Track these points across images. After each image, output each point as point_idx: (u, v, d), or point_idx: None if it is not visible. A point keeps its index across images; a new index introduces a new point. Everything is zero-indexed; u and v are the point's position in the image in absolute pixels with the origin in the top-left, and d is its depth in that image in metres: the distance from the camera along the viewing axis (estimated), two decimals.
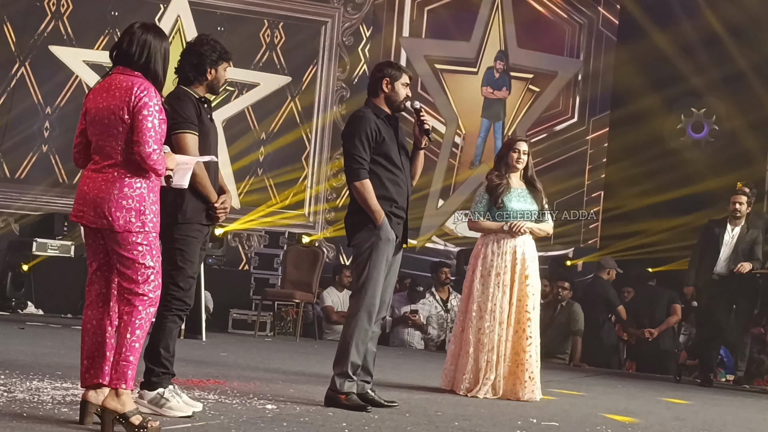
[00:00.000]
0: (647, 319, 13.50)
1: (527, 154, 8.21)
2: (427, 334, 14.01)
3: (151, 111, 5.05)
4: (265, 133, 16.67)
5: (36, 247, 14.34)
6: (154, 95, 5.09)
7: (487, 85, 18.04)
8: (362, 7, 17.18)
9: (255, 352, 11.04)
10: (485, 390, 7.81)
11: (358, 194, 6.56)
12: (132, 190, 5.07)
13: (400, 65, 6.98)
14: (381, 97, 6.74)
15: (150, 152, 5.01)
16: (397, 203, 6.67)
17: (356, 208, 6.63)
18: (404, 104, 6.78)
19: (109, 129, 5.10)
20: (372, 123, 6.60)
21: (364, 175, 6.55)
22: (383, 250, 6.56)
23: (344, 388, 6.51)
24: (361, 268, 6.57)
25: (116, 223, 5.04)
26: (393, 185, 6.65)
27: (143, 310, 5.07)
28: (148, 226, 5.08)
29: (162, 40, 5.24)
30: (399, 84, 6.73)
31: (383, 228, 6.55)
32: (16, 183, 15.57)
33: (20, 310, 14.08)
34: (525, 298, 7.96)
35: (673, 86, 16.91)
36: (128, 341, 5.03)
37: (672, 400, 9.15)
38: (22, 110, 15.55)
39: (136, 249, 5.06)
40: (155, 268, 5.12)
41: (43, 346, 9.50)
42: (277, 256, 14.98)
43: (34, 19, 15.60)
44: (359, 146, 6.55)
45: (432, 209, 17.36)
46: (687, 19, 16.70)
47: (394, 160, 6.66)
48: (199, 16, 16.23)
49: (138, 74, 5.14)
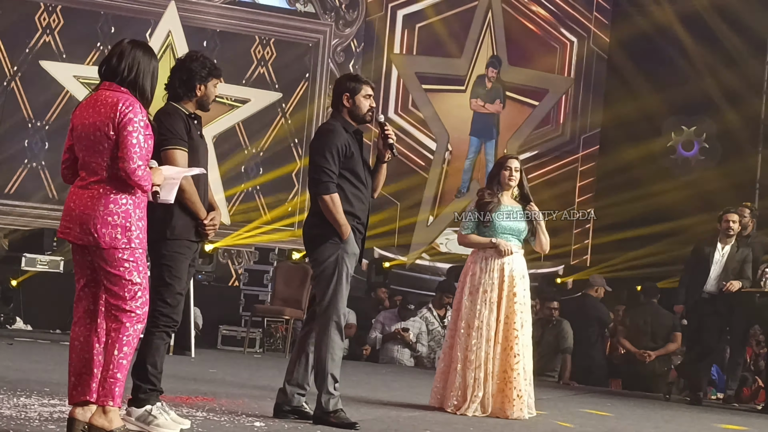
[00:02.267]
0: (647, 339, 13.39)
1: (519, 171, 8.20)
2: (417, 351, 13.99)
3: (136, 127, 5.03)
4: (256, 149, 16.66)
5: (25, 263, 14.30)
6: (139, 111, 5.07)
7: (476, 97, 17.99)
8: (354, 23, 17.20)
9: (244, 369, 11.01)
10: (474, 408, 7.79)
11: (326, 208, 6.49)
12: (117, 206, 5.05)
13: (361, 77, 6.90)
14: (344, 111, 6.70)
15: (135, 168, 4.99)
16: (360, 219, 6.64)
17: (320, 221, 6.55)
18: (368, 116, 6.73)
19: (94, 145, 5.09)
20: (343, 137, 6.57)
21: (333, 189, 6.51)
22: (349, 264, 6.53)
23: (330, 406, 6.48)
24: (327, 283, 6.52)
25: (102, 239, 5.02)
26: (357, 201, 6.62)
27: (131, 326, 5.05)
28: (134, 242, 5.06)
29: (151, 58, 5.23)
30: (360, 97, 6.68)
31: (349, 242, 6.52)
32: (6, 198, 15.53)
33: (8, 325, 14.03)
34: (513, 316, 7.94)
35: (664, 104, 16.95)
36: (116, 358, 5.01)
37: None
38: (12, 125, 15.52)
39: (123, 266, 5.04)
40: (142, 285, 5.10)
41: (32, 361, 9.47)
42: (266, 272, 14.95)
43: (25, 34, 15.58)
44: (330, 159, 6.51)
45: (422, 226, 17.36)
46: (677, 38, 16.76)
47: (360, 176, 6.63)
48: (190, 32, 16.24)
49: (125, 90, 5.13)
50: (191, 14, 16.39)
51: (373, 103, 6.75)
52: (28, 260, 14.31)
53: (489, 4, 17.62)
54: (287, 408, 6.65)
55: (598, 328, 14.07)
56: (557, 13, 17.89)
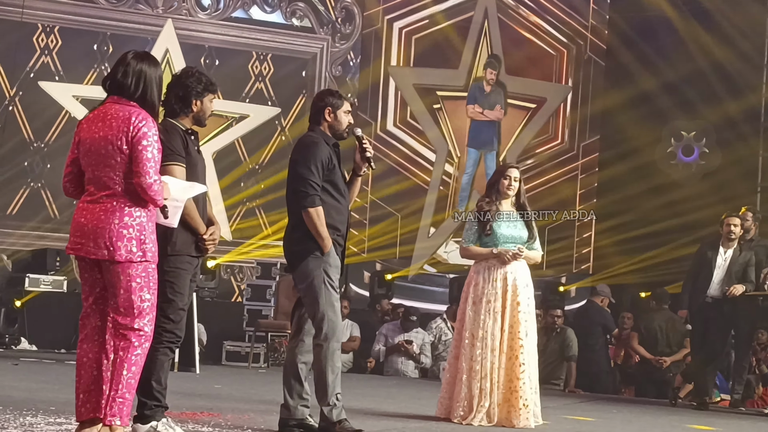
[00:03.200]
0: (663, 345, 13.36)
1: (518, 181, 8.19)
2: (420, 363, 13.98)
3: (150, 141, 5.04)
4: (256, 164, 16.68)
5: (28, 283, 14.32)
6: (152, 125, 5.08)
7: (473, 102, 17.94)
8: (350, 37, 17.24)
9: (249, 384, 11.00)
10: (480, 417, 7.77)
11: (311, 221, 6.48)
12: (132, 219, 5.05)
13: (341, 94, 6.94)
14: (324, 125, 6.71)
15: (151, 183, 5.00)
16: (340, 232, 6.65)
17: (303, 235, 6.53)
18: (346, 132, 6.75)
19: (105, 159, 5.08)
20: (326, 150, 6.58)
21: (318, 202, 6.50)
22: (334, 276, 6.54)
23: (333, 416, 6.49)
24: (315, 297, 6.51)
25: (117, 252, 5.01)
26: (337, 213, 6.62)
27: (139, 345, 5.04)
28: (148, 255, 5.06)
29: (156, 69, 5.24)
30: (341, 112, 6.71)
31: (331, 255, 6.52)
32: (8, 219, 15.55)
33: (13, 346, 14.03)
34: (517, 325, 7.92)
35: (663, 110, 16.97)
36: (124, 378, 4.99)
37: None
38: (13, 146, 15.55)
39: (135, 281, 5.03)
40: (151, 302, 5.09)
41: (37, 381, 9.46)
42: (269, 287, 14.96)
43: (24, 55, 15.62)
44: (314, 171, 6.51)
45: (424, 238, 17.36)
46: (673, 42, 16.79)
47: (340, 188, 6.64)
48: (188, 49, 16.28)
49: (134, 104, 5.13)
50: (188, 31, 16.43)
51: (351, 120, 6.78)
52: (32, 281, 14.33)
53: (485, 14, 17.64)
54: (293, 422, 6.65)
55: (602, 336, 14.06)
56: (553, 22, 17.91)
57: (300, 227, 6.53)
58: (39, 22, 15.72)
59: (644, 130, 17.07)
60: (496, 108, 17.77)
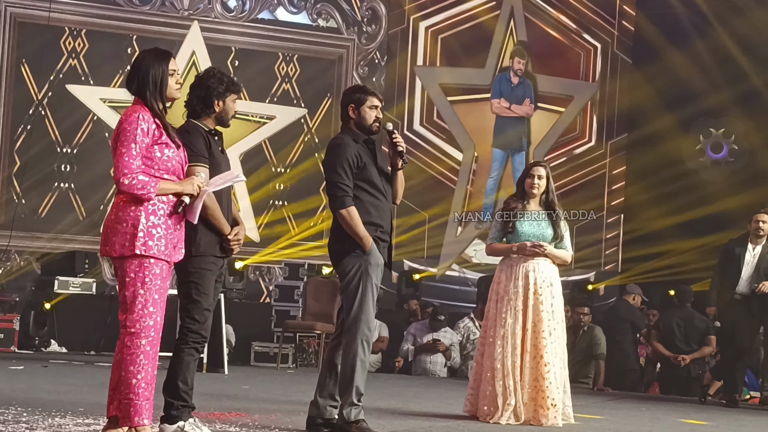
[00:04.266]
0: (682, 344, 13.30)
1: (544, 179, 8.14)
2: (452, 359, 13.95)
3: (127, 136, 5.09)
4: (283, 165, 16.71)
5: (58, 285, 14.42)
6: (135, 120, 5.11)
7: (499, 96, 17.77)
8: (376, 37, 17.24)
9: (277, 385, 11.03)
10: (507, 416, 7.76)
11: (345, 222, 6.53)
12: (125, 213, 5.11)
13: (367, 88, 6.94)
14: (351, 123, 6.72)
15: (119, 177, 5.07)
16: (382, 227, 6.65)
17: (341, 235, 6.58)
18: (374, 126, 6.74)
19: (113, 159, 5.18)
20: (352, 149, 6.58)
21: (349, 203, 6.52)
22: (373, 275, 6.54)
23: (352, 416, 6.50)
24: (353, 296, 6.54)
25: (112, 248, 5.08)
26: (376, 210, 6.63)
27: (131, 343, 5.06)
28: (140, 249, 5.08)
29: (160, 62, 5.26)
30: (365, 108, 6.68)
31: (372, 253, 6.53)
32: (37, 221, 15.63)
33: (43, 348, 14.11)
34: (540, 324, 7.89)
35: (691, 106, 16.89)
36: (123, 378, 5.03)
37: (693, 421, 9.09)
38: (41, 149, 15.63)
39: (128, 275, 5.08)
40: (145, 297, 5.10)
41: (66, 383, 9.51)
42: (297, 287, 14.99)
43: (51, 59, 15.70)
44: (342, 174, 6.53)
45: (451, 237, 17.34)
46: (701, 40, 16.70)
47: (376, 185, 6.64)
48: (214, 51, 16.32)
49: (138, 101, 5.21)
50: (214, 33, 16.48)
51: (379, 114, 6.74)
52: (61, 283, 14.43)
53: (511, 13, 17.58)
54: (320, 421, 6.66)
55: (631, 334, 14.01)
56: (580, 20, 17.85)
57: (341, 227, 6.60)
58: (66, 26, 15.79)
59: (672, 127, 16.99)
60: (525, 102, 17.50)
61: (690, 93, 16.71)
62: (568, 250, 8.20)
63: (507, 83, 17.37)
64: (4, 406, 6.97)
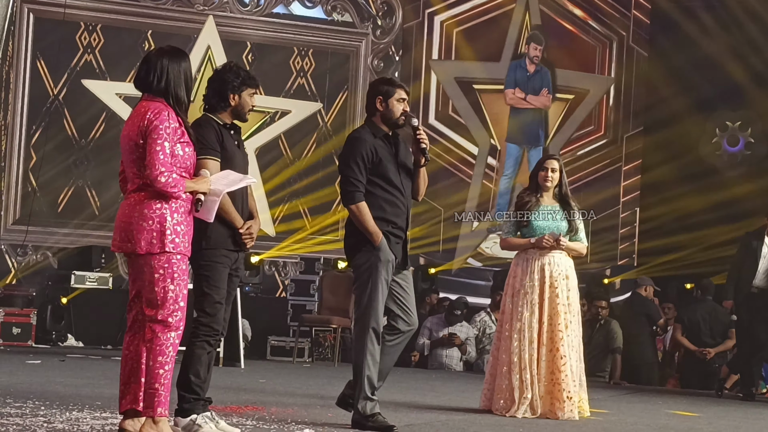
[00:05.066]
0: (708, 337, 13.26)
1: (557, 172, 8.15)
2: (468, 353, 13.94)
3: (160, 134, 5.09)
4: (298, 159, 16.72)
5: (74, 280, 14.45)
6: (166, 118, 5.12)
7: (513, 86, 17.47)
8: (391, 31, 17.22)
9: (293, 378, 11.05)
10: (523, 409, 7.77)
11: (355, 217, 6.55)
12: (151, 211, 5.11)
13: (395, 81, 6.93)
14: (377, 115, 6.70)
15: (157, 174, 5.04)
16: (395, 224, 6.64)
17: (353, 230, 6.61)
18: (401, 120, 6.71)
19: (129, 155, 5.19)
20: (368, 144, 6.58)
21: (359, 198, 6.53)
22: (383, 270, 6.54)
23: (367, 410, 6.51)
24: (363, 290, 6.56)
25: (138, 245, 5.08)
26: (390, 206, 6.62)
27: (162, 335, 5.08)
28: (169, 246, 5.09)
29: (180, 61, 5.27)
30: (393, 100, 6.67)
31: (382, 249, 6.53)
32: (53, 216, 15.66)
33: (60, 342, 14.16)
34: (556, 317, 7.90)
35: (707, 100, 16.84)
36: (152, 369, 5.04)
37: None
38: (57, 144, 15.66)
39: (157, 272, 5.08)
40: (176, 292, 5.12)
41: (83, 377, 9.55)
42: (313, 282, 15.01)
43: (67, 54, 15.72)
44: (354, 168, 6.54)
45: (467, 230, 17.32)
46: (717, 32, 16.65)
47: (392, 181, 6.63)
48: (229, 46, 16.33)
49: (159, 99, 5.19)
50: (229, 28, 16.48)
51: (407, 107, 6.72)
52: (78, 278, 14.46)
53: (526, 6, 17.53)
54: (351, 401, 6.68)
55: (647, 327, 13.98)
56: (595, 13, 17.79)
57: (353, 222, 6.61)
58: (81, 21, 15.82)
59: (688, 120, 16.94)
60: (543, 93, 17.25)
61: (706, 86, 16.65)
62: (584, 242, 8.22)
63: (522, 72, 16.99)
64: (21, 400, 7.01)
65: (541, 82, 16.98)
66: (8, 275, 15.31)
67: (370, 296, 6.54)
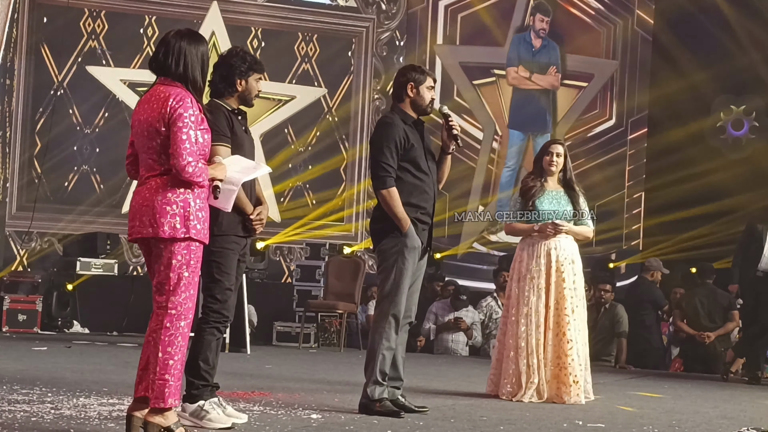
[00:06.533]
0: (706, 321, 13.26)
1: (562, 156, 8.14)
2: (474, 338, 13.94)
3: (186, 122, 5.03)
4: (303, 145, 16.72)
5: (80, 267, 14.46)
6: (189, 105, 5.06)
7: (516, 63, 16.70)
8: (396, 16, 17.20)
9: (299, 364, 11.06)
10: (530, 394, 7.78)
11: (384, 202, 6.56)
12: (176, 195, 5.05)
13: (424, 68, 6.93)
14: (407, 101, 6.72)
15: (184, 164, 4.99)
16: (424, 209, 6.67)
17: (381, 215, 6.62)
18: (429, 107, 6.74)
19: (149, 141, 5.10)
20: (400, 130, 6.59)
21: (390, 183, 6.54)
22: (409, 257, 6.57)
23: (376, 394, 6.54)
24: (387, 275, 6.58)
25: (161, 229, 5.01)
26: (419, 192, 6.65)
27: (171, 325, 5.02)
28: (192, 232, 5.05)
29: (198, 45, 5.21)
30: (424, 88, 6.71)
31: (409, 235, 6.55)
32: (58, 203, 15.69)
33: (66, 329, 14.19)
34: (563, 301, 7.90)
35: (712, 84, 16.81)
36: (160, 360, 5.00)
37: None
38: (62, 131, 15.68)
39: (176, 257, 5.03)
40: (189, 280, 5.08)
41: (90, 363, 9.57)
42: (318, 267, 15.01)
43: (71, 40, 15.73)
44: (387, 153, 6.55)
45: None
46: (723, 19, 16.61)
47: (421, 166, 6.66)
48: (234, 31, 16.32)
49: (178, 84, 5.13)
50: (234, 14, 16.48)
51: (434, 95, 6.77)
52: (83, 264, 14.47)
53: None
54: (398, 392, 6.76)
55: (653, 312, 13.98)
56: None
57: (381, 206, 6.62)
58: (85, 7, 15.82)
59: (693, 104, 16.92)
60: (550, 71, 16.64)
61: (711, 70, 16.61)
62: (589, 226, 8.21)
63: (527, 46, 15.97)
64: (28, 387, 7.03)
65: (549, 58, 16.02)
66: (14, 262, 15.34)
67: (394, 282, 6.56)
